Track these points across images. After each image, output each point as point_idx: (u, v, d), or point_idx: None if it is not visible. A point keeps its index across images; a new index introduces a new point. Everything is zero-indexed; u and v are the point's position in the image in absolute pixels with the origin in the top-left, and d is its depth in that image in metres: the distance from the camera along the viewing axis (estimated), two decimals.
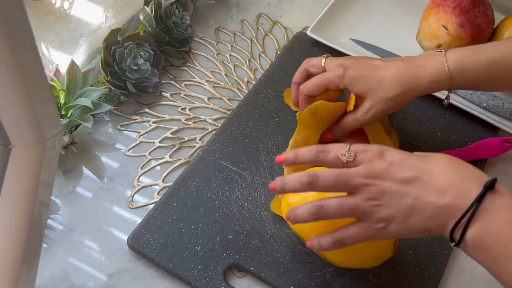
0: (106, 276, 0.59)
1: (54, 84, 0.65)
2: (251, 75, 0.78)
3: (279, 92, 0.74)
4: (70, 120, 0.65)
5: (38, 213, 0.42)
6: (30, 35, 0.37)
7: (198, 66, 0.78)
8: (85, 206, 0.64)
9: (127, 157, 0.68)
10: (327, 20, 0.81)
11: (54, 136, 0.45)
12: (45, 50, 0.74)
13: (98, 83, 0.71)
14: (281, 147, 0.69)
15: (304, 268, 0.59)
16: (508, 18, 0.76)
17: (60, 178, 0.65)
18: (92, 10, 0.80)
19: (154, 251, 0.59)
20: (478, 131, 0.73)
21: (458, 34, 0.74)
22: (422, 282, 0.60)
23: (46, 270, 0.59)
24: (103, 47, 0.70)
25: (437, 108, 0.75)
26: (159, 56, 0.76)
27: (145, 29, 0.76)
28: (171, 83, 0.76)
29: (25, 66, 0.38)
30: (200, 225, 0.62)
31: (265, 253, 0.60)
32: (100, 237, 0.62)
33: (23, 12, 0.36)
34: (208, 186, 0.65)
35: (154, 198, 0.65)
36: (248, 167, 0.66)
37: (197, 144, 0.70)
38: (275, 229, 0.62)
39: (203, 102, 0.74)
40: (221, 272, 0.58)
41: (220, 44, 0.81)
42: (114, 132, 0.70)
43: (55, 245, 0.61)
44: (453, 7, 0.74)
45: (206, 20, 0.84)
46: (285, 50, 0.79)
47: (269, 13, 0.86)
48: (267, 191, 0.64)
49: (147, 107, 0.73)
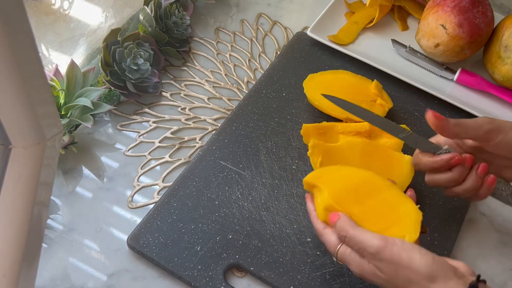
0: (106, 276, 0.59)
1: (54, 84, 0.65)
2: (251, 75, 0.78)
3: (279, 92, 0.74)
4: (70, 120, 0.65)
5: (38, 213, 0.42)
6: (30, 35, 0.37)
7: (198, 66, 0.78)
8: (85, 206, 0.64)
9: (127, 157, 0.68)
10: (327, 20, 0.81)
11: (54, 136, 0.45)
12: (44, 50, 0.74)
13: (98, 83, 0.71)
14: (281, 147, 0.69)
15: (304, 268, 0.59)
16: (507, 18, 0.76)
17: (60, 178, 0.65)
18: (92, 10, 0.80)
19: (154, 251, 0.59)
20: None
21: (457, 33, 0.74)
22: None
23: (46, 270, 0.59)
24: (103, 47, 0.70)
25: (437, 108, 0.75)
26: (159, 56, 0.76)
27: (145, 29, 0.76)
28: (171, 83, 0.76)
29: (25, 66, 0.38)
30: (200, 225, 0.62)
31: (265, 253, 0.60)
32: (100, 237, 0.62)
33: (23, 12, 0.36)
34: (208, 186, 0.65)
35: (154, 198, 0.65)
36: (248, 167, 0.66)
37: (197, 144, 0.70)
38: (275, 229, 0.62)
39: (203, 102, 0.74)
40: (221, 272, 0.58)
41: (220, 44, 0.81)
42: (114, 132, 0.70)
43: (55, 245, 0.61)
44: (452, 6, 0.74)
45: (206, 20, 0.84)
46: (285, 50, 0.79)
47: (269, 13, 0.86)
48: (267, 191, 0.64)
49: (147, 107, 0.73)
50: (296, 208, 0.64)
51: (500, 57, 0.74)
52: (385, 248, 0.48)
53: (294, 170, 0.67)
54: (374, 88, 0.71)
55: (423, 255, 0.48)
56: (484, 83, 0.76)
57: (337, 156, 0.63)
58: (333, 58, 0.79)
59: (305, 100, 0.72)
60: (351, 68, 0.77)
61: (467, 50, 0.75)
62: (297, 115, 0.72)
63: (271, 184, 0.65)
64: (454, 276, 0.47)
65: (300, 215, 0.63)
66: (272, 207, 0.63)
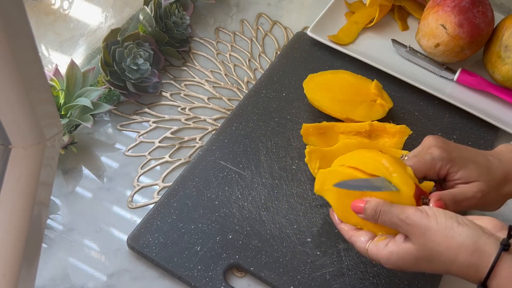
0: (106, 276, 0.59)
1: (54, 84, 0.65)
2: (251, 75, 0.78)
3: (279, 92, 0.74)
4: (70, 120, 0.65)
5: (38, 213, 0.42)
6: (30, 35, 0.37)
7: (198, 66, 0.78)
8: (85, 206, 0.64)
9: (127, 157, 0.68)
10: (327, 20, 0.81)
11: (54, 136, 0.45)
12: (44, 50, 0.74)
13: (98, 83, 0.71)
14: (281, 147, 0.69)
15: (304, 268, 0.59)
16: (507, 18, 0.76)
17: (60, 178, 0.65)
18: (92, 10, 0.80)
19: (154, 251, 0.59)
20: (478, 131, 0.73)
21: (457, 33, 0.74)
22: (422, 282, 0.60)
23: (46, 270, 0.59)
24: (103, 47, 0.70)
25: (437, 108, 0.75)
26: (159, 56, 0.76)
27: (145, 29, 0.76)
28: (171, 83, 0.76)
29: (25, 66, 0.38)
30: (200, 225, 0.62)
31: (265, 253, 0.60)
32: (100, 237, 0.62)
33: (23, 12, 0.36)
34: (208, 186, 0.65)
35: (154, 198, 0.65)
36: (248, 167, 0.66)
37: (197, 144, 0.70)
38: (275, 229, 0.62)
39: (203, 102, 0.74)
40: (221, 272, 0.58)
41: (220, 44, 0.81)
42: (114, 132, 0.70)
43: (55, 245, 0.61)
44: (453, 6, 0.74)
45: (206, 20, 0.84)
46: (285, 50, 0.79)
47: (269, 13, 0.86)
48: (267, 191, 0.64)
49: (147, 107, 0.73)
50: (296, 208, 0.64)
51: (500, 57, 0.74)
52: (416, 211, 0.49)
53: (294, 170, 0.67)
54: (374, 88, 0.71)
55: (448, 219, 0.48)
56: (484, 83, 0.76)
57: (334, 159, 0.63)
58: (333, 58, 0.79)
59: (305, 100, 0.72)
60: (351, 68, 0.77)
61: (467, 50, 0.75)
62: (297, 115, 0.72)
63: (271, 184, 0.65)
64: (482, 236, 0.46)
65: (300, 215, 0.63)
66: (272, 207, 0.63)
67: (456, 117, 0.74)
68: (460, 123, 0.74)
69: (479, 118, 0.73)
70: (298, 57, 0.78)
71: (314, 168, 0.64)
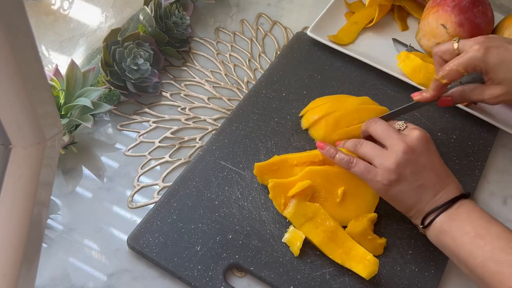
0: (106, 276, 0.59)
1: (54, 84, 0.65)
2: (251, 75, 0.78)
3: (279, 92, 0.74)
4: (70, 120, 0.65)
5: (38, 213, 0.42)
6: (30, 35, 0.37)
7: (198, 66, 0.78)
8: (85, 206, 0.64)
9: (127, 157, 0.68)
10: (327, 20, 0.81)
11: (54, 136, 0.45)
12: (44, 50, 0.74)
13: (98, 83, 0.71)
14: (281, 147, 0.69)
15: (304, 268, 0.59)
16: (507, 18, 0.76)
17: (60, 178, 0.65)
18: (92, 10, 0.80)
19: (154, 251, 0.59)
20: (478, 131, 0.73)
21: (457, 33, 0.74)
22: (422, 282, 0.60)
23: (46, 270, 0.59)
24: (103, 47, 0.70)
25: (437, 108, 0.75)
26: (159, 56, 0.76)
27: (145, 29, 0.76)
28: (171, 83, 0.76)
29: (25, 66, 0.38)
30: (200, 225, 0.62)
31: (265, 253, 0.60)
32: (100, 237, 0.62)
33: (23, 12, 0.36)
34: (208, 186, 0.65)
35: (154, 198, 0.65)
36: (248, 167, 0.66)
37: (197, 144, 0.70)
38: (275, 229, 0.62)
39: (203, 102, 0.75)
40: (221, 272, 0.59)
41: (220, 44, 0.81)
42: (114, 132, 0.70)
43: (55, 245, 0.61)
44: (453, 6, 0.74)
45: (206, 20, 0.84)
46: (285, 50, 0.79)
47: (269, 13, 0.86)
48: (266, 191, 0.64)
49: (147, 107, 0.73)
50: None
51: None
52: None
53: None
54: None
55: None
56: None
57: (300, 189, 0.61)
58: (333, 58, 0.79)
59: (305, 100, 0.72)
60: (351, 68, 0.77)
61: None
62: (297, 115, 0.72)
63: None
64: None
65: None
66: (272, 207, 0.63)
67: (456, 117, 0.74)
68: (460, 123, 0.74)
69: (479, 118, 0.73)
70: (298, 57, 0.78)
71: (280, 205, 0.61)
